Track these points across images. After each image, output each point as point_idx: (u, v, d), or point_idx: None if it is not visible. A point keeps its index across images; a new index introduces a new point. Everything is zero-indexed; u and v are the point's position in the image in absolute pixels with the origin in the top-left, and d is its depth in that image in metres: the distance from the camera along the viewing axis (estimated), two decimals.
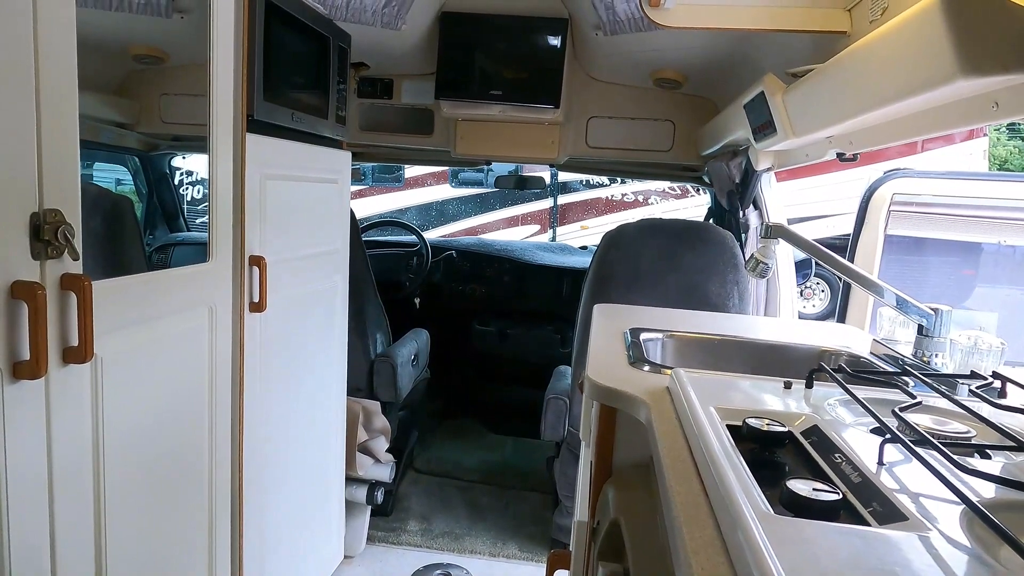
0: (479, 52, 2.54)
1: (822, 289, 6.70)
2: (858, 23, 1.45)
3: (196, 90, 1.51)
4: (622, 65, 2.60)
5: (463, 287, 3.70)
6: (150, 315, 1.24)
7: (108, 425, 1.14)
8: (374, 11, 2.25)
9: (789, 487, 0.60)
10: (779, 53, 1.86)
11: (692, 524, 0.60)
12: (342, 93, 2.03)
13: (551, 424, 2.34)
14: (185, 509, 1.40)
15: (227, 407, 1.52)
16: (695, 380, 0.94)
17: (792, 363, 1.37)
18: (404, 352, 2.59)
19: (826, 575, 0.48)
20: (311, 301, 1.95)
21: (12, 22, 0.91)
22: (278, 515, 1.82)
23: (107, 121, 1.97)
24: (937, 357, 1.20)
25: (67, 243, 1.00)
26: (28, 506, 0.99)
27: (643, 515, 0.85)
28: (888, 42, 1.11)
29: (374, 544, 2.52)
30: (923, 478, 0.65)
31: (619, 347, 1.27)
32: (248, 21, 1.51)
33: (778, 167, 2.12)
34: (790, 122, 1.61)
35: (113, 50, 1.66)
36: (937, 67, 0.95)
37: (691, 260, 2.30)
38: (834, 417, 0.85)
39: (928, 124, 1.23)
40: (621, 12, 2.14)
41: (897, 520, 0.56)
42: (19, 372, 0.95)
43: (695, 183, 3.23)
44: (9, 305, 0.93)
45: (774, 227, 1.48)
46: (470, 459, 3.31)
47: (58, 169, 1.00)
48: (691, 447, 0.77)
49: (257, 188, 1.59)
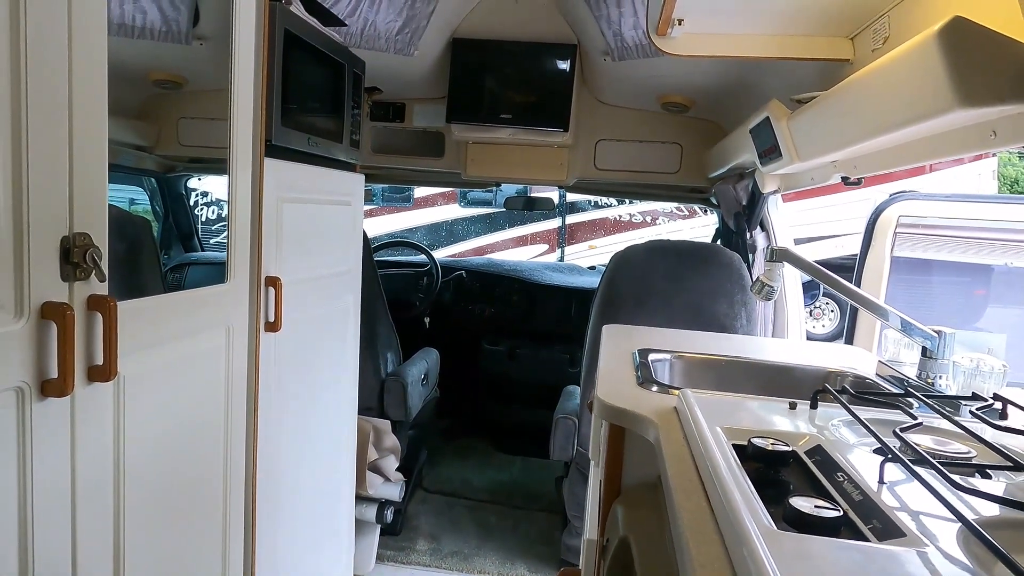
0: (489, 77, 2.60)
1: (832, 309, 6.69)
2: (861, 51, 1.48)
3: (213, 114, 1.56)
4: (630, 89, 2.65)
5: (472, 307, 3.73)
6: (171, 335, 1.27)
7: (129, 442, 1.17)
8: (388, 38, 2.31)
9: (792, 504, 0.62)
10: (784, 79, 1.90)
11: (698, 540, 0.62)
12: (356, 117, 2.08)
13: (560, 444, 2.36)
14: (200, 525, 1.42)
15: (242, 425, 1.55)
16: (702, 400, 0.96)
17: (798, 384, 1.39)
18: (414, 371, 2.61)
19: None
20: (324, 321, 1.98)
21: (49, 55, 0.95)
22: (289, 533, 1.84)
23: (128, 144, 2.03)
24: (940, 379, 1.22)
25: (95, 265, 1.04)
26: (53, 520, 1.01)
27: (651, 533, 0.87)
28: (889, 71, 1.14)
29: (383, 563, 2.53)
30: (922, 497, 0.67)
31: (628, 368, 1.29)
32: (268, 49, 1.56)
33: (784, 190, 2.15)
34: (795, 147, 1.64)
35: (135, 76, 1.71)
36: (935, 97, 0.98)
37: (699, 281, 2.32)
38: (837, 437, 0.87)
39: (929, 151, 1.26)
40: (629, 39, 2.19)
41: (896, 536, 0.58)
42: (47, 390, 0.98)
43: (703, 204, 3.26)
44: (39, 325, 0.96)
45: (779, 251, 1.51)
46: (479, 479, 3.31)
47: (87, 194, 1.04)
48: (698, 466, 0.79)
49: (274, 210, 1.63)
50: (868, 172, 1.53)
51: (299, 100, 1.73)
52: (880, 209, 2.13)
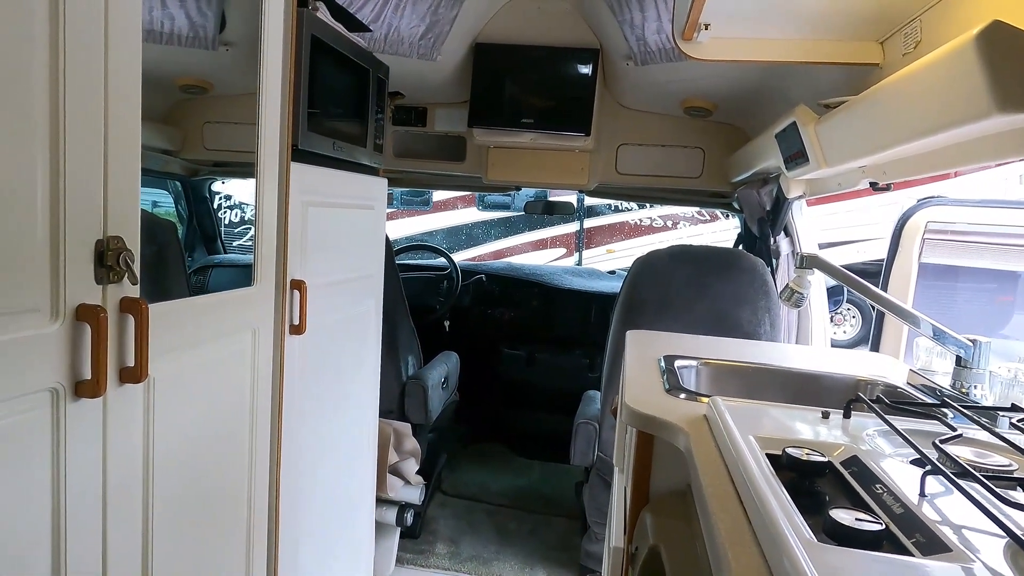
0: (511, 81, 2.60)
1: (853, 315, 6.61)
2: (891, 55, 1.47)
3: (238, 118, 1.58)
4: (652, 94, 2.64)
5: (492, 311, 3.73)
6: (199, 338, 1.29)
7: (158, 443, 1.18)
8: (411, 43, 2.32)
9: (832, 516, 0.61)
10: (810, 84, 1.88)
11: (737, 550, 0.61)
12: (380, 122, 2.09)
13: (581, 449, 2.35)
14: (224, 526, 1.43)
15: (267, 427, 1.56)
16: (733, 409, 0.95)
17: (827, 392, 1.37)
18: (435, 375, 2.62)
19: None
20: (346, 324, 1.99)
21: (86, 62, 0.96)
22: (311, 534, 1.85)
23: (155, 149, 2.06)
24: (976, 389, 1.20)
25: (127, 268, 1.05)
26: (84, 519, 1.03)
27: (682, 542, 0.86)
28: (923, 76, 1.12)
29: (403, 566, 2.53)
30: (965, 510, 0.66)
31: (654, 374, 1.28)
32: (295, 54, 1.57)
33: (810, 195, 2.13)
34: (822, 152, 1.62)
35: (163, 81, 1.74)
36: (972, 102, 0.97)
37: (722, 287, 2.31)
38: (873, 448, 0.85)
39: (963, 156, 1.24)
40: (652, 43, 2.18)
41: (941, 551, 0.57)
42: (80, 391, 0.99)
43: (725, 209, 3.24)
44: (74, 327, 0.98)
45: (809, 257, 1.49)
46: (498, 483, 3.31)
47: (121, 197, 1.05)
48: (732, 475, 0.78)
49: (299, 214, 1.65)
50: (898, 178, 1.50)
51: (324, 105, 1.75)
52: (908, 215, 2.10)
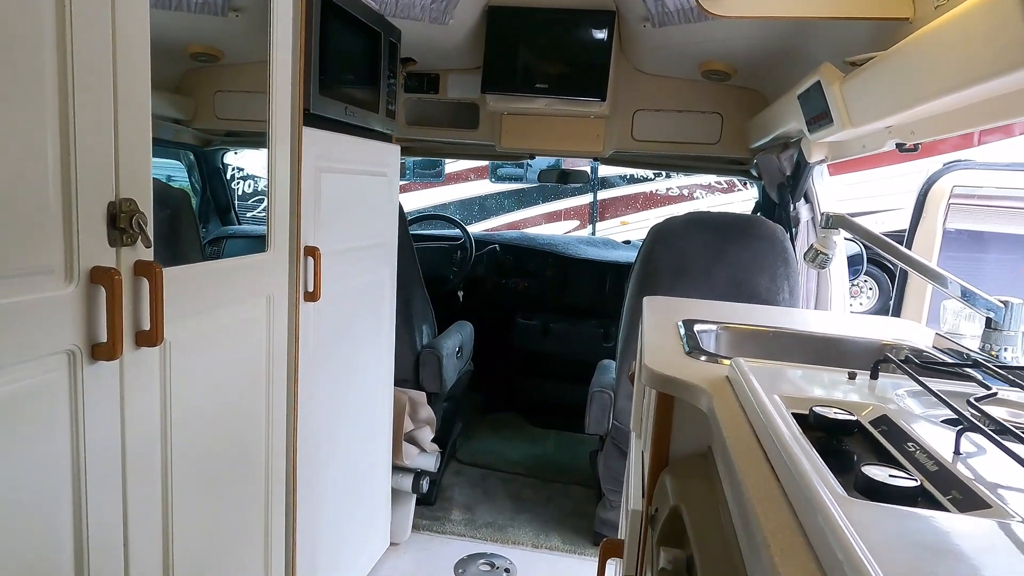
0: (525, 46, 2.55)
1: (870, 287, 6.53)
2: (922, 9, 1.41)
3: (250, 86, 1.55)
4: (669, 57, 2.58)
5: (506, 281, 3.71)
6: (214, 303, 1.28)
7: (175, 408, 1.18)
8: (423, 6, 2.27)
9: (864, 472, 0.59)
10: (833, 42, 1.82)
11: (766, 507, 0.59)
12: (392, 87, 2.06)
13: (596, 417, 2.34)
14: (243, 491, 1.44)
15: (283, 394, 1.56)
16: (756, 369, 0.93)
17: (851, 356, 1.35)
18: (449, 344, 2.61)
19: (913, 559, 0.47)
20: (361, 292, 1.98)
21: (94, 30, 0.95)
22: (328, 500, 1.86)
23: (167, 118, 2.04)
24: (1007, 351, 1.17)
25: (140, 231, 1.04)
26: (105, 481, 1.03)
27: (703, 503, 0.85)
28: (957, 27, 1.08)
29: (419, 532, 2.55)
30: (1003, 468, 0.64)
31: (673, 338, 1.26)
32: (305, 19, 1.54)
33: (832, 159, 2.08)
34: (847, 112, 1.57)
35: (174, 49, 1.71)
36: (1011, 52, 0.92)
37: (740, 254, 2.27)
38: (903, 408, 0.83)
39: (996, 112, 1.20)
40: (670, 3, 2.12)
41: (979, 507, 0.55)
42: (97, 353, 0.99)
43: (743, 176, 3.18)
44: (89, 290, 0.97)
45: (835, 217, 1.45)
46: (513, 452, 3.32)
47: (132, 160, 1.04)
48: (757, 434, 0.77)
49: (312, 180, 1.63)
50: (927, 137, 1.46)
51: (336, 69, 1.72)
52: (933, 179, 2.05)
